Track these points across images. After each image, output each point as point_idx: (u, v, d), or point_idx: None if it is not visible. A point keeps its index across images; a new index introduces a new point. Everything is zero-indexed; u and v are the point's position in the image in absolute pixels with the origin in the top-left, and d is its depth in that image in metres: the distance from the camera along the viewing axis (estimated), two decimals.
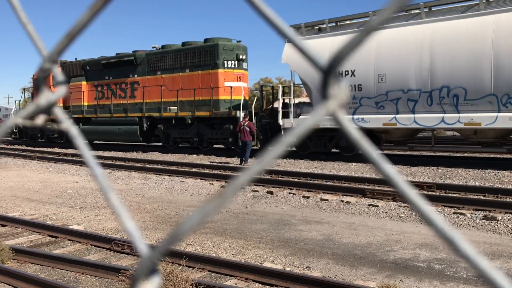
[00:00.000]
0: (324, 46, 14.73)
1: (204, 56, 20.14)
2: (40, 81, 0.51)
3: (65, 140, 25.91)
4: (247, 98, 20.49)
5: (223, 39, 20.31)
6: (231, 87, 19.09)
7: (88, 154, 0.45)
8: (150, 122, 22.07)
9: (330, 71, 0.33)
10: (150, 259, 0.35)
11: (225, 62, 19.78)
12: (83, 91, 24.92)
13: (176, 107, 20.79)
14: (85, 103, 25.07)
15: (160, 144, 22.70)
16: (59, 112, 0.49)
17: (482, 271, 0.35)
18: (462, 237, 0.37)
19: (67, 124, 0.47)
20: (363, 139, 0.32)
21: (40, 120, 0.49)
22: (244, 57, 20.34)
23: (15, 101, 31.25)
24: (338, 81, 0.33)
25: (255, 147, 18.00)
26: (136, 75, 22.67)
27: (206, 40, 20.72)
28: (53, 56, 0.47)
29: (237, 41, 20.59)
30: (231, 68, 19.95)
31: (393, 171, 0.33)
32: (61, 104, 24.54)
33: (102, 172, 0.43)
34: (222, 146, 20.78)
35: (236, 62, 20.06)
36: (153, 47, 22.71)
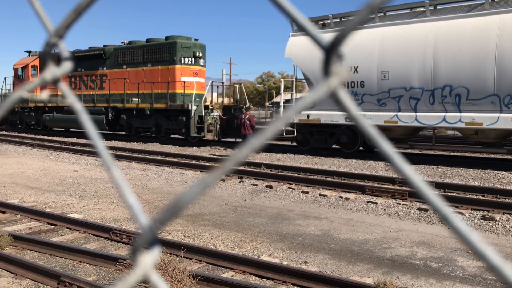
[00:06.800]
0: None
1: (164, 53, 21.79)
2: (46, 56, 0.52)
3: (42, 127, 27.73)
4: (203, 92, 21.97)
5: (181, 37, 21.97)
6: (184, 82, 20.71)
7: (91, 129, 0.45)
8: (115, 112, 23.79)
9: (332, 49, 0.33)
10: (150, 230, 0.36)
11: (182, 58, 21.42)
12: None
13: (137, 99, 22.51)
14: (60, 93, 26.23)
15: (127, 134, 24.08)
16: (64, 88, 0.49)
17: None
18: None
19: (72, 99, 0.48)
20: (362, 116, 0.33)
21: (44, 94, 0.49)
22: (200, 54, 21.94)
23: None
24: (340, 59, 0.34)
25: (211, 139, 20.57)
26: (105, 68, 24.41)
27: (166, 38, 22.36)
28: (60, 31, 0.47)
29: (195, 40, 22.33)
30: (187, 64, 21.60)
31: (390, 149, 0.34)
32: (38, 93, 26.13)
33: (105, 146, 0.43)
34: (178, 136, 22.36)
35: (193, 59, 21.70)
36: (121, 42, 24.41)
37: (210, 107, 21.03)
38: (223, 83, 24.17)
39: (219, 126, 20.91)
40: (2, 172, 12.95)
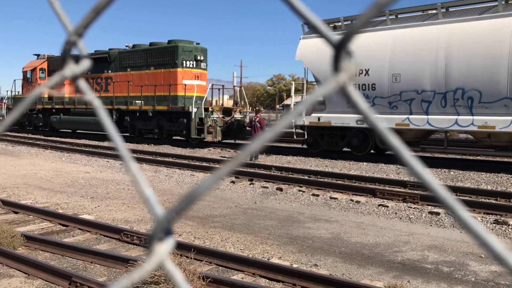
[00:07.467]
0: None
1: (166, 56, 22.50)
2: (66, 53, 0.53)
3: (49, 129, 28.53)
4: (204, 95, 22.48)
5: (183, 41, 22.67)
6: (185, 85, 21.29)
7: (109, 124, 0.47)
8: (119, 114, 24.40)
9: (341, 46, 0.34)
10: (166, 219, 0.37)
11: (184, 62, 22.12)
12: (65, 84, 26.92)
13: (140, 101, 23.19)
14: (67, 95, 27.34)
15: (130, 135, 24.51)
16: (82, 85, 0.51)
17: None
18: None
19: (91, 96, 0.49)
20: (370, 112, 0.34)
21: (64, 91, 0.51)
22: (202, 58, 22.56)
23: (7, 91, 34.30)
24: (349, 56, 0.35)
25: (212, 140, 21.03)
26: (109, 71, 25.18)
27: (169, 42, 23.02)
28: (79, 29, 0.49)
29: (196, 43, 23.02)
30: (189, 67, 22.28)
31: (398, 143, 0.35)
32: (46, 95, 27.67)
33: (123, 142, 0.45)
34: (180, 138, 22.83)
35: (194, 62, 22.40)
36: (126, 46, 25.31)
37: (210, 109, 21.52)
38: (223, 85, 24.79)
39: (219, 128, 21.30)
40: (15, 173, 13.10)
